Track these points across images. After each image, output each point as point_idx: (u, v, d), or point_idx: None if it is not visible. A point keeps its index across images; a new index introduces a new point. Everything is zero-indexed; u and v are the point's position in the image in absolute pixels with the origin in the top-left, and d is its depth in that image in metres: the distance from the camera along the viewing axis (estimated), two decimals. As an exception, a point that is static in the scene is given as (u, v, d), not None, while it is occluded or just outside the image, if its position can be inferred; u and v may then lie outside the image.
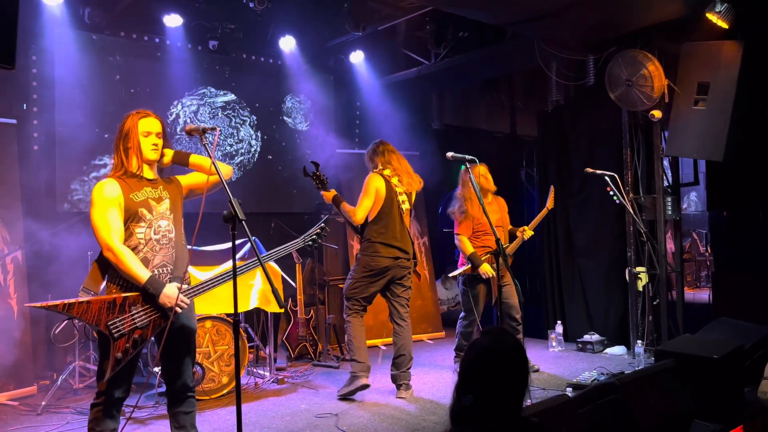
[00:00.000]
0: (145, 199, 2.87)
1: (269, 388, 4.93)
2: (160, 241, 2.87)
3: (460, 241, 5.10)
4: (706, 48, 5.04)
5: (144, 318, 2.78)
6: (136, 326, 2.74)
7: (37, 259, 5.02)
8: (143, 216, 2.84)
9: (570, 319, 6.41)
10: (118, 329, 2.70)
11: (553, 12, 5.01)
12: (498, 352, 1.75)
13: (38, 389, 4.81)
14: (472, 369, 1.77)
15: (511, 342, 1.79)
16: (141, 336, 2.76)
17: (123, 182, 2.85)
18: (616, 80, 5.43)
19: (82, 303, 2.64)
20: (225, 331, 4.73)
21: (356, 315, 4.59)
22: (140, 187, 2.88)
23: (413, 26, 6.54)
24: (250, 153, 6.55)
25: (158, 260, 2.86)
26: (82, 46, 5.51)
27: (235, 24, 6.16)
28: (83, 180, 5.57)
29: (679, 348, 3.98)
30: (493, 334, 1.82)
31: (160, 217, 2.89)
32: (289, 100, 6.97)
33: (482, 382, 1.73)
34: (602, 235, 6.16)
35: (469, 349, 1.81)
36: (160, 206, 2.91)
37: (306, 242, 3.15)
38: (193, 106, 6.19)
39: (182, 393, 3.00)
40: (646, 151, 5.77)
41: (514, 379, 1.75)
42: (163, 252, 2.89)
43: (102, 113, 5.58)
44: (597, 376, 4.75)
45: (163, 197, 2.94)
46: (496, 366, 1.74)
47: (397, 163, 4.64)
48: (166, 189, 2.98)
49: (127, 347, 2.70)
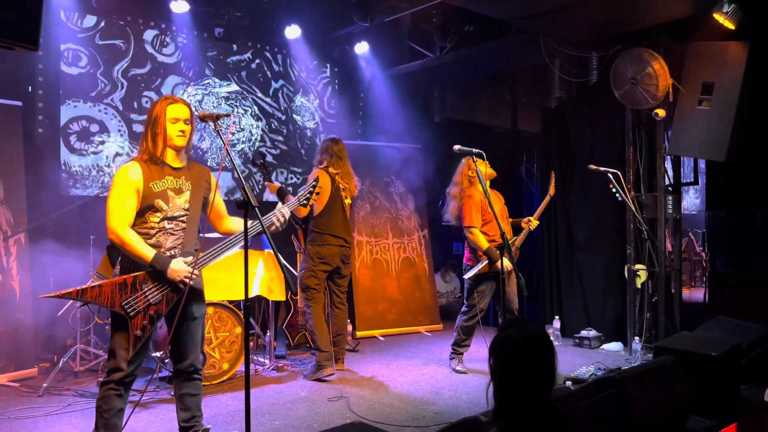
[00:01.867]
0: (164, 189, 2.88)
1: (269, 375, 4.96)
2: (173, 229, 2.91)
3: (474, 235, 4.80)
4: (712, 48, 5.06)
5: (157, 294, 2.83)
6: (150, 303, 2.81)
7: (40, 241, 5.02)
8: (160, 207, 2.86)
9: (567, 314, 6.45)
10: (133, 308, 2.76)
11: (561, 8, 5.02)
12: (528, 343, 1.78)
13: (39, 371, 4.83)
14: (506, 363, 1.80)
15: (538, 330, 1.83)
16: (156, 312, 2.82)
17: (146, 168, 2.86)
18: (621, 78, 5.45)
19: (94, 287, 2.70)
20: (227, 317, 4.75)
21: (317, 304, 4.89)
22: (162, 176, 2.89)
23: (419, 19, 6.53)
24: (251, 141, 6.58)
25: (169, 244, 2.90)
26: (89, 29, 5.50)
27: (241, 12, 6.15)
28: (87, 163, 5.57)
29: (678, 345, 4.02)
30: (519, 326, 1.84)
31: (176, 209, 2.91)
32: (302, 101, 7.02)
33: (517, 373, 1.77)
34: (602, 231, 6.20)
35: (498, 345, 1.83)
36: (178, 198, 2.93)
37: (301, 202, 3.27)
38: (198, 96, 6.23)
39: (190, 374, 3.03)
40: (648, 150, 5.80)
41: (546, 366, 1.79)
42: (174, 238, 2.92)
43: (107, 98, 5.59)
44: (594, 371, 4.80)
45: (183, 189, 2.95)
46: (528, 356, 1.77)
47: (343, 165, 5.06)
48: (189, 179, 2.97)
49: (145, 324, 2.78)
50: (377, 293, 6.74)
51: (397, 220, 7.06)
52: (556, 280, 6.63)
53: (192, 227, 2.97)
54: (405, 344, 6.22)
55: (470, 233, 4.84)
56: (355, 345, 5.96)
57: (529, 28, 5.94)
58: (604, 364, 5.06)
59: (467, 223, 4.87)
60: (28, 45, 2.87)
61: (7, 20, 2.64)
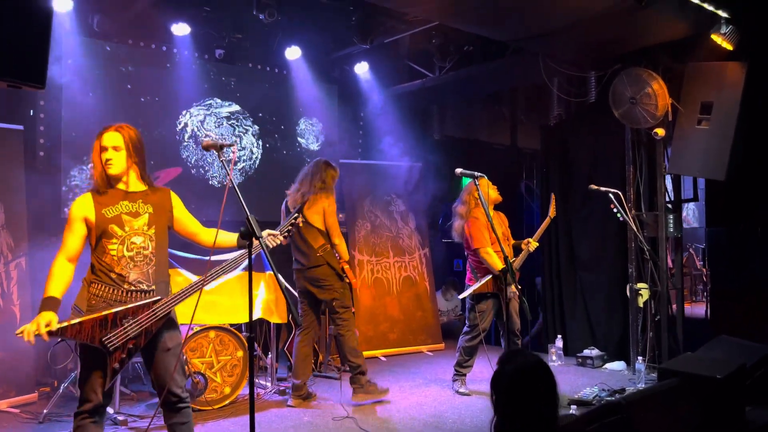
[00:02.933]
0: (117, 214, 2.85)
1: (271, 398, 4.93)
2: (134, 258, 2.85)
3: (488, 254, 4.79)
4: (710, 68, 5.10)
5: (136, 328, 2.80)
6: (129, 337, 2.79)
7: (40, 266, 4.99)
8: (114, 232, 2.83)
9: (570, 333, 6.43)
10: (112, 343, 2.74)
11: (559, 29, 5.06)
12: (527, 374, 1.79)
13: (39, 396, 4.80)
14: (508, 396, 1.80)
15: (536, 361, 1.83)
16: (135, 345, 2.81)
17: (97, 197, 2.86)
18: (620, 97, 5.48)
19: (74, 325, 2.67)
20: (228, 341, 4.72)
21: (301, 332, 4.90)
22: (115, 201, 2.87)
23: (418, 39, 6.58)
24: (252, 160, 6.61)
25: (133, 277, 2.84)
26: (90, 53, 5.54)
27: (241, 34, 6.19)
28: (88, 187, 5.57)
29: (682, 367, 4.00)
30: (517, 358, 1.85)
31: (134, 234, 2.87)
32: (303, 122, 7.08)
33: (520, 405, 1.77)
34: (604, 250, 6.20)
35: (499, 379, 1.83)
36: (135, 221, 2.88)
37: (283, 233, 3.14)
38: (200, 116, 6.26)
39: (174, 404, 2.97)
40: (648, 169, 5.82)
41: (547, 395, 1.79)
42: (138, 269, 2.86)
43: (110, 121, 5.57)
44: (599, 393, 4.77)
45: (140, 212, 2.91)
46: (529, 387, 1.78)
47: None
48: (148, 202, 2.94)
49: (123, 357, 2.77)
50: (378, 312, 6.72)
51: (398, 239, 7.06)
52: (558, 298, 6.61)
53: (160, 256, 2.94)
54: (407, 365, 6.19)
55: (485, 253, 4.83)
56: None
57: (528, 49, 5.97)
58: (607, 385, 5.03)
59: (477, 245, 4.86)
60: (34, 84, 2.88)
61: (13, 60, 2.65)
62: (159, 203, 2.97)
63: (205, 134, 6.23)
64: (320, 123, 7.23)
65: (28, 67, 2.77)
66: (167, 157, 5.92)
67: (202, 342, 4.60)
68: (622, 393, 4.77)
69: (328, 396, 5.03)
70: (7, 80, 2.79)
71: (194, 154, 6.17)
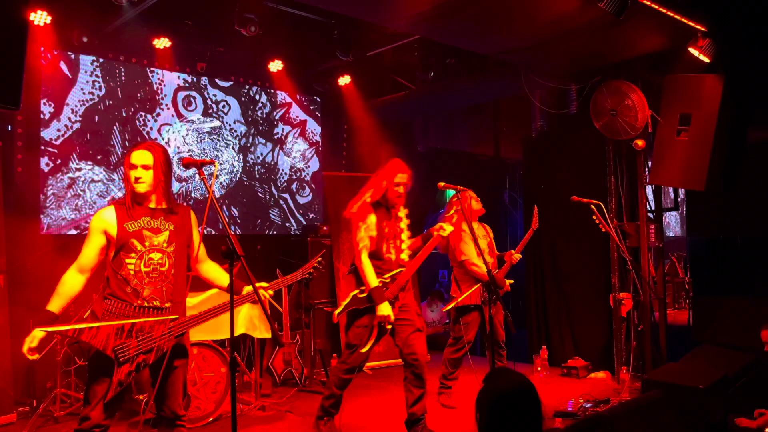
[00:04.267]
0: (139, 229, 2.85)
1: (254, 415, 4.87)
2: (150, 274, 2.85)
3: (475, 265, 4.82)
4: (689, 80, 5.17)
5: (149, 343, 2.81)
6: (141, 351, 2.79)
7: (19, 283, 4.92)
8: (134, 247, 2.83)
9: (554, 344, 6.44)
10: (124, 354, 2.73)
11: (539, 43, 5.11)
12: (512, 393, 1.79)
13: (18, 416, 4.69)
14: (493, 415, 1.80)
15: (521, 379, 1.83)
16: (144, 361, 2.80)
17: (121, 210, 2.86)
18: (601, 109, 5.54)
19: (92, 329, 2.68)
20: (211, 357, 4.66)
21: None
22: (138, 216, 2.87)
23: (401, 52, 6.60)
24: (232, 173, 6.60)
25: (147, 293, 2.84)
26: (70, 67, 5.47)
27: (224, 47, 6.17)
28: (67, 204, 5.50)
29: (666, 377, 4.04)
30: (502, 377, 1.86)
31: (152, 249, 2.87)
32: (290, 140, 7.12)
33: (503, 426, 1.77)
34: (587, 260, 6.23)
35: (484, 398, 1.83)
36: (156, 238, 2.89)
37: (305, 275, 3.15)
38: (183, 131, 6.26)
39: (172, 421, 2.98)
40: (629, 179, 5.87)
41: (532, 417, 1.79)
42: (153, 285, 2.86)
43: (91, 138, 5.55)
44: (583, 404, 4.78)
45: (161, 229, 2.91)
46: (514, 406, 1.78)
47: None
48: (169, 220, 2.94)
49: (131, 371, 2.76)
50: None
51: (382, 251, 7.02)
52: (542, 309, 6.63)
53: (178, 274, 2.94)
54: (393, 377, 6.14)
55: (471, 265, 4.85)
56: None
57: (509, 62, 6.02)
58: (591, 395, 5.04)
59: (462, 257, 4.89)
60: (9, 105, 2.84)
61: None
62: (180, 222, 2.98)
63: (187, 150, 6.20)
64: (301, 134, 7.22)
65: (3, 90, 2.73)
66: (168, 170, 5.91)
67: (184, 359, 4.53)
68: (606, 404, 4.78)
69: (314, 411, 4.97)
70: (-21, 102, 2.76)
71: (177, 168, 6.15)
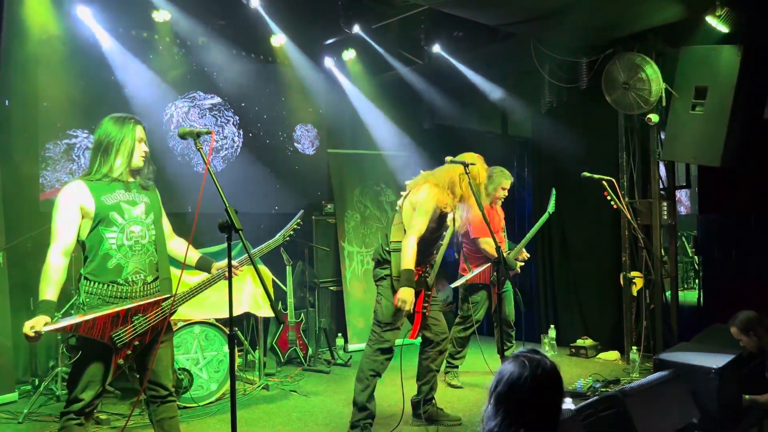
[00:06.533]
0: (117, 202, 2.78)
1: (259, 394, 4.81)
2: (132, 247, 2.79)
3: (487, 244, 4.72)
4: (705, 52, 4.99)
5: (144, 325, 2.78)
6: (137, 334, 2.76)
7: (18, 261, 4.84)
8: (114, 221, 2.75)
9: (563, 323, 6.36)
10: (121, 339, 2.71)
11: (552, 13, 4.94)
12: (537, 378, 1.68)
13: (19, 395, 4.66)
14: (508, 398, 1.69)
15: (544, 364, 1.72)
16: (140, 342, 2.78)
17: (93, 184, 2.76)
18: (613, 83, 5.37)
19: (87, 321, 2.63)
20: (214, 336, 4.60)
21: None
22: (112, 189, 2.79)
23: (407, 25, 6.42)
24: (233, 148, 6.52)
25: (132, 267, 2.78)
26: (69, 40, 5.33)
27: (225, 20, 6.01)
28: (65, 180, 5.41)
29: (678, 358, 3.93)
30: (531, 358, 1.74)
31: (133, 222, 2.80)
32: (299, 129, 7.04)
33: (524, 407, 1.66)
34: (597, 238, 6.11)
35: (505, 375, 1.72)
36: (133, 210, 2.82)
37: (285, 239, 3.12)
38: (185, 108, 6.18)
39: (164, 398, 2.94)
40: (642, 155, 5.72)
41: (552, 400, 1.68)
42: (137, 258, 2.80)
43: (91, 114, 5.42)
44: (593, 384, 4.70)
45: (137, 201, 2.85)
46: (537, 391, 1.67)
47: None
48: (141, 193, 2.89)
49: (128, 354, 2.75)
50: (369, 305, 6.59)
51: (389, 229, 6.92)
52: (551, 289, 6.54)
53: (160, 248, 2.90)
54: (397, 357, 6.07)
55: (485, 243, 4.76)
56: (348, 359, 5.83)
57: (519, 34, 5.84)
58: (602, 376, 4.96)
59: (477, 234, 4.78)
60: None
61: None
62: (152, 196, 2.95)
63: (189, 125, 6.10)
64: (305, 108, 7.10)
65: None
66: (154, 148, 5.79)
67: (186, 338, 4.47)
68: (617, 384, 4.70)
69: (318, 391, 4.92)
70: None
71: (180, 143, 6.07)
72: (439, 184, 3.77)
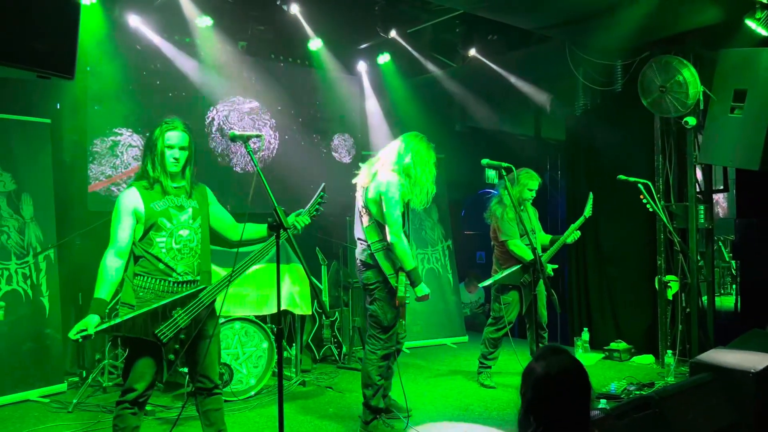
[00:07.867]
0: (166, 208, 2.91)
1: (296, 390, 4.93)
2: (181, 250, 2.92)
3: (516, 246, 4.81)
4: (745, 55, 4.94)
5: (186, 318, 2.89)
6: (180, 327, 2.86)
7: (69, 257, 5.05)
8: (163, 225, 2.88)
9: (596, 326, 6.34)
10: (165, 335, 2.82)
11: (589, 16, 4.95)
12: (563, 375, 1.72)
13: (68, 386, 4.86)
14: (537, 397, 1.73)
15: (570, 361, 1.76)
16: (187, 335, 2.88)
17: (144, 190, 2.90)
18: (650, 86, 5.35)
19: (127, 320, 2.75)
20: (254, 332, 4.74)
21: None
22: (162, 195, 2.92)
23: (442, 29, 6.49)
24: (269, 149, 6.67)
25: (181, 269, 2.92)
26: (117, 46, 5.53)
27: (264, 25, 6.17)
28: (116, 181, 5.61)
29: (716, 361, 3.92)
30: (550, 357, 1.78)
31: (181, 227, 2.93)
32: (336, 138, 7.22)
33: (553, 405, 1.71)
34: (631, 242, 6.08)
35: (529, 377, 1.77)
36: (181, 214, 2.95)
37: (311, 213, 3.09)
38: (225, 112, 6.35)
39: (210, 390, 3.06)
40: (678, 159, 5.69)
41: (579, 398, 1.72)
42: (185, 261, 2.93)
43: (137, 116, 5.63)
44: (627, 386, 4.70)
45: (185, 206, 2.97)
46: (564, 388, 1.71)
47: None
48: (191, 197, 3.01)
49: (177, 348, 2.85)
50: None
51: (421, 231, 7.00)
52: (584, 291, 6.52)
53: (204, 248, 3.01)
54: (431, 357, 6.15)
55: (513, 246, 4.82)
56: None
57: (556, 37, 5.86)
58: (636, 379, 4.95)
59: (504, 237, 4.86)
60: (63, 74, 2.88)
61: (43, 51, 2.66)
62: (200, 198, 3.05)
63: (229, 127, 6.28)
64: (340, 110, 7.21)
65: (57, 57, 2.77)
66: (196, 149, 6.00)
67: (227, 333, 4.62)
68: (651, 387, 4.69)
69: (353, 388, 5.02)
70: (36, 70, 2.81)
71: (220, 144, 6.27)
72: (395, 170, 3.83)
